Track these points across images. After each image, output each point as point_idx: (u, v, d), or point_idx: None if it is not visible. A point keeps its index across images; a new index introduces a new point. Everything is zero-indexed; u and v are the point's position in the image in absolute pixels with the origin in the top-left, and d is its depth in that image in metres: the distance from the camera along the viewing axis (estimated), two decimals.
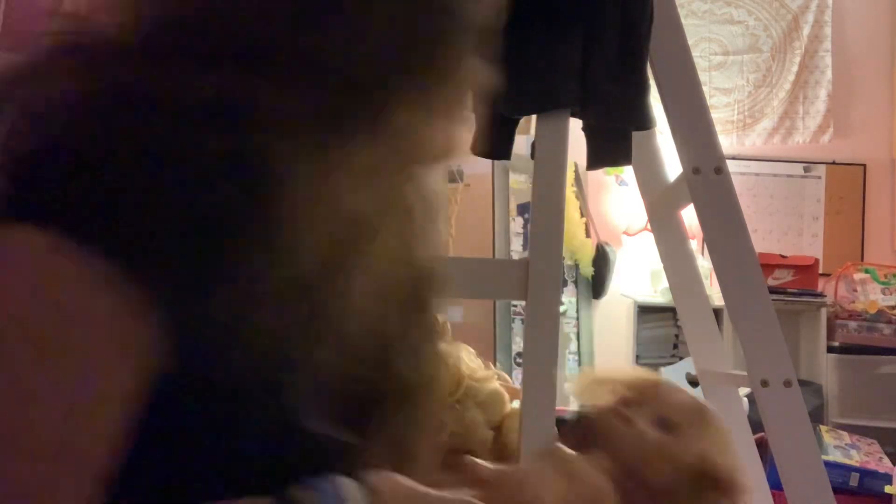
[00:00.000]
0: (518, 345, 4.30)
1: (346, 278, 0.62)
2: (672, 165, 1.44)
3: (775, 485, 2.09)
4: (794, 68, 4.55)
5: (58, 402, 0.53)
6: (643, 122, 1.20)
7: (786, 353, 1.21)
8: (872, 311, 3.62)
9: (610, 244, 4.57)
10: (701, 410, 1.12)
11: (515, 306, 4.37)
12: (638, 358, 4.36)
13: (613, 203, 4.76)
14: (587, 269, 4.52)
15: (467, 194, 4.86)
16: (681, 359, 4.26)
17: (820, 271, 4.01)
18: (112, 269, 0.53)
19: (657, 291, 4.43)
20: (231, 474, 0.57)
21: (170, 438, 0.56)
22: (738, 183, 1.37)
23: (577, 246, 4.51)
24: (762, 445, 1.67)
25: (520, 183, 4.55)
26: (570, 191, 4.44)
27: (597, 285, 4.55)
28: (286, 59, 0.60)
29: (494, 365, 2.76)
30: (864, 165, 4.35)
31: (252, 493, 0.56)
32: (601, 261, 4.51)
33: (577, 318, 4.54)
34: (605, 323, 4.63)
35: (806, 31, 4.63)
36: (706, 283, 2.44)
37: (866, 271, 3.78)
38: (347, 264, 0.62)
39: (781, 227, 4.52)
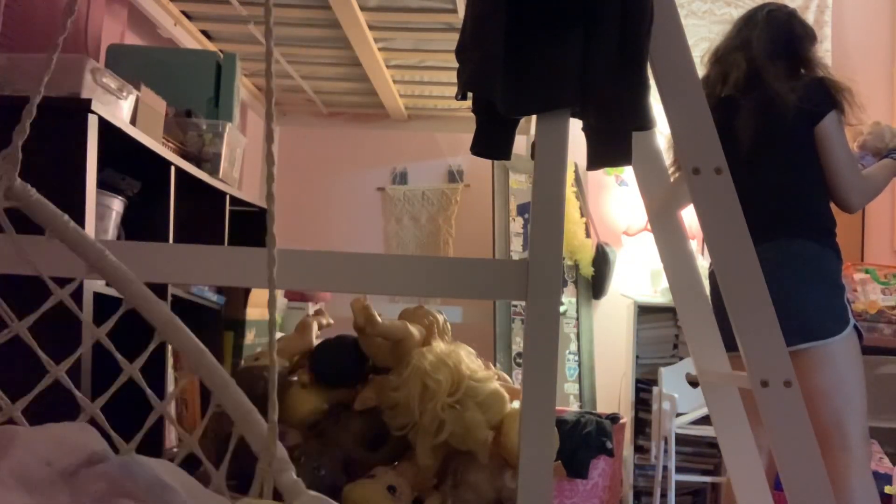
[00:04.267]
0: (518, 345, 4.30)
1: None
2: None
3: (775, 485, 2.09)
4: None
5: None
6: (643, 122, 1.20)
7: (785, 353, 1.21)
8: (872, 312, 3.62)
9: (610, 244, 4.57)
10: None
11: (515, 306, 4.37)
12: (638, 358, 4.36)
13: (613, 203, 4.76)
14: (587, 269, 4.52)
15: (467, 194, 4.87)
16: (681, 359, 4.26)
17: None
18: None
19: (657, 291, 4.42)
20: None
21: None
22: None
23: (577, 246, 4.51)
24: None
25: (520, 183, 4.55)
26: (570, 191, 4.44)
27: (597, 285, 4.56)
28: None
29: (494, 365, 2.77)
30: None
31: None
32: (601, 261, 4.51)
33: (577, 318, 4.54)
34: (605, 323, 4.63)
35: None
36: (706, 283, 2.44)
37: (866, 271, 3.78)
38: None
39: None
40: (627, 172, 4.56)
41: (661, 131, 1.62)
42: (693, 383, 3.66)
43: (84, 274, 0.94)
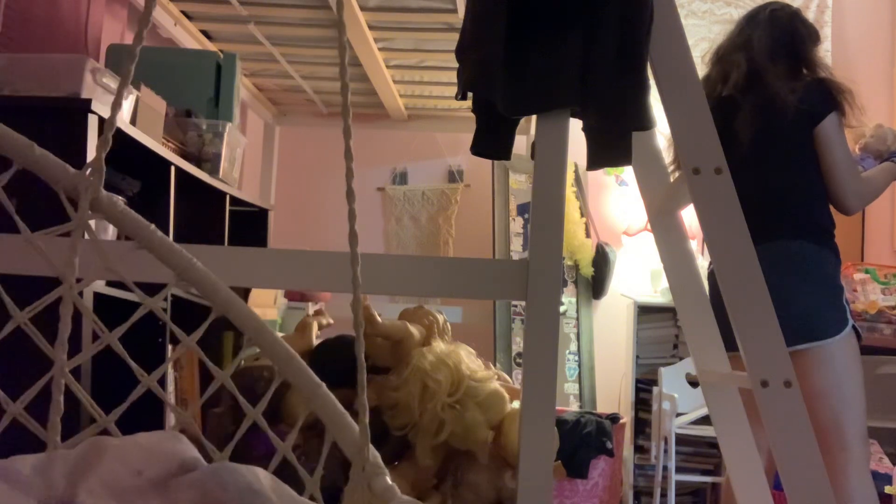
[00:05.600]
0: (518, 345, 4.30)
1: None
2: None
3: (775, 485, 2.09)
4: None
5: None
6: (643, 122, 1.20)
7: (785, 353, 1.21)
8: (872, 312, 3.62)
9: (610, 244, 4.57)
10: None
11: (515, 306, 4.37)
12: (638, 358, 4.36)
13: (613, 203, 4.76)
14: (587, 269, 4.52)
15: (467, 194, 4.86)
16: (681, 359, 4.26)
17: None
18: None
19: (657, 291, 4.42)
20: None
21: None
22: None
23: (577, 246, 4.51)
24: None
25: (520, 183, 4.55)
26: (570, 191, 4.44)
27: (597, 285, 4.55)
28: None
29: (494, 365, 2.77)
30: None
31: None
32: (601, 261, 4.51)
33: (577, 318, 4.54)
34: (605, 323, 4.63)
35: None
36: (706, 283, 2.45)
37: (866, 271, 3.77)
38: None
39: None
40: (627, 172, 4.56)
41: (661, 131, 1.62)
42: (693, 383, 3.65)
43: (173, 282, 0.93)
